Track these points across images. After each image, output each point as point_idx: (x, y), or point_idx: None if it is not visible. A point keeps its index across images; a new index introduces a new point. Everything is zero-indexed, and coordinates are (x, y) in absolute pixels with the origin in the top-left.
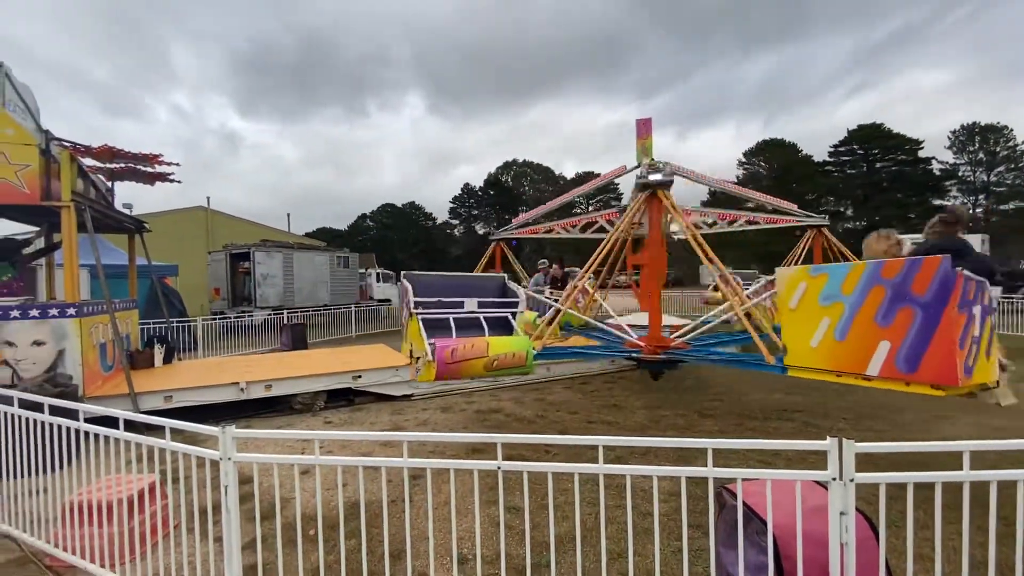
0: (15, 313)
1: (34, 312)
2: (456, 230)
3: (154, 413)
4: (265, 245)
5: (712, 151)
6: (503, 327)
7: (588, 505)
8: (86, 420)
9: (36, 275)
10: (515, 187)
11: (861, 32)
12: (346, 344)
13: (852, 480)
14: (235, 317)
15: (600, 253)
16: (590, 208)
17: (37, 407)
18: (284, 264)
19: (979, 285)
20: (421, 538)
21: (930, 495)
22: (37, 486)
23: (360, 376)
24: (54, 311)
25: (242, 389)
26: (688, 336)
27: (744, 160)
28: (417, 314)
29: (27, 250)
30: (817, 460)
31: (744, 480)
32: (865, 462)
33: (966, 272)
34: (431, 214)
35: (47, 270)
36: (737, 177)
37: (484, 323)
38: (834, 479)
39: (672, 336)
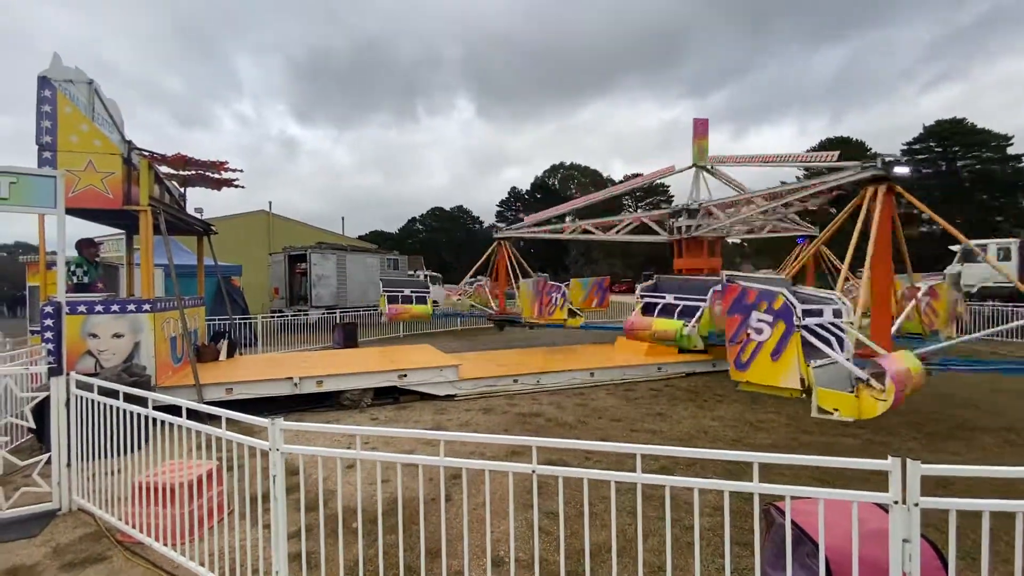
0: (99, 308)
1: (115, 307)
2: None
3: (217, 404)
4: (320, 247)
5: (771, 149)
6: None
7: (627, 515)
8: (154, 407)
9: (117, 273)
10: (562, 190)
11: (943, 16)
12: (394, 344)
13: (916, 504)
14: (292, 315)
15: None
16: (638, 209)
17: (114, 394)
18: (338, 265)
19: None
20: (457, 538)
21: (1011, 526)
22: (112, 467)
23: (406, 375)
24: (132, 306)
25: (296, 384)
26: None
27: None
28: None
29: (107, 253)
30: (880, 481)
31: (794, 498)
32: (936, 485)
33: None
34: (478, 217)
35: (127, 269)
36: (797, 179)
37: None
38: (896, 502)
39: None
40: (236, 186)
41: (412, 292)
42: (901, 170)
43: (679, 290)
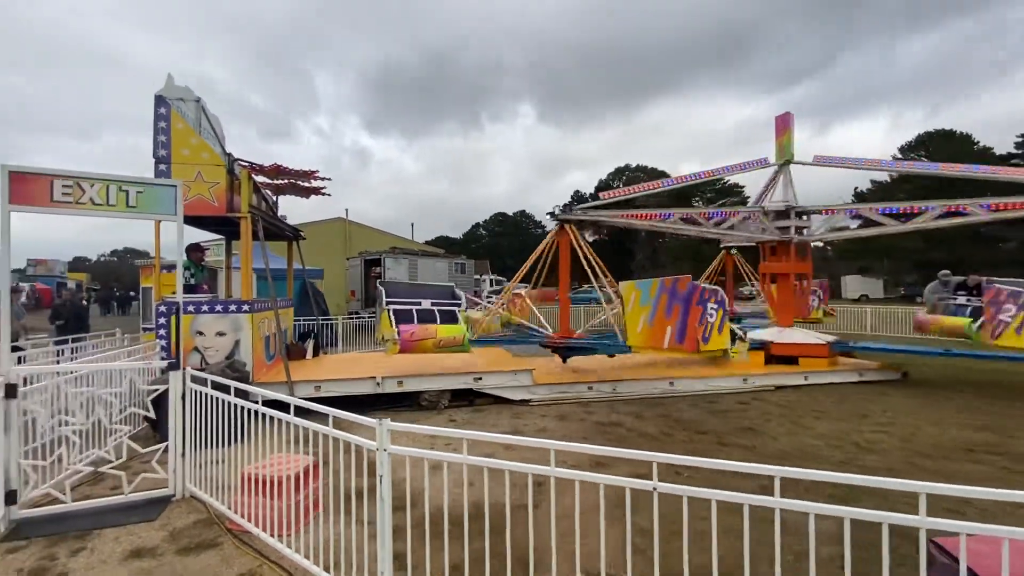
0: (204, 308)
1: (218, 307)
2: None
3: (305, 400)
4: (394, 252)
5: (859, 145)
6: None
7: (733, 538)
8: (248, 399)
9: (217, 276)
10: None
11: None
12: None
13: None
14: (368, 316)
15: None
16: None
17: (224, 389)
18: (410, 269)
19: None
20: (545, 548)
21: None
22: (217, 456)
23: (481, 378)
24: (233, 307)
25: (378, 383)
26: None
27: (900, 156)
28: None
29: (210, 257)
30: None
31: (940, 535)
32: None
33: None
34: (540, 222)
35: (226, 272)
36: (891, 178)
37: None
38: None
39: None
40: (324, 194)
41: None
42: None
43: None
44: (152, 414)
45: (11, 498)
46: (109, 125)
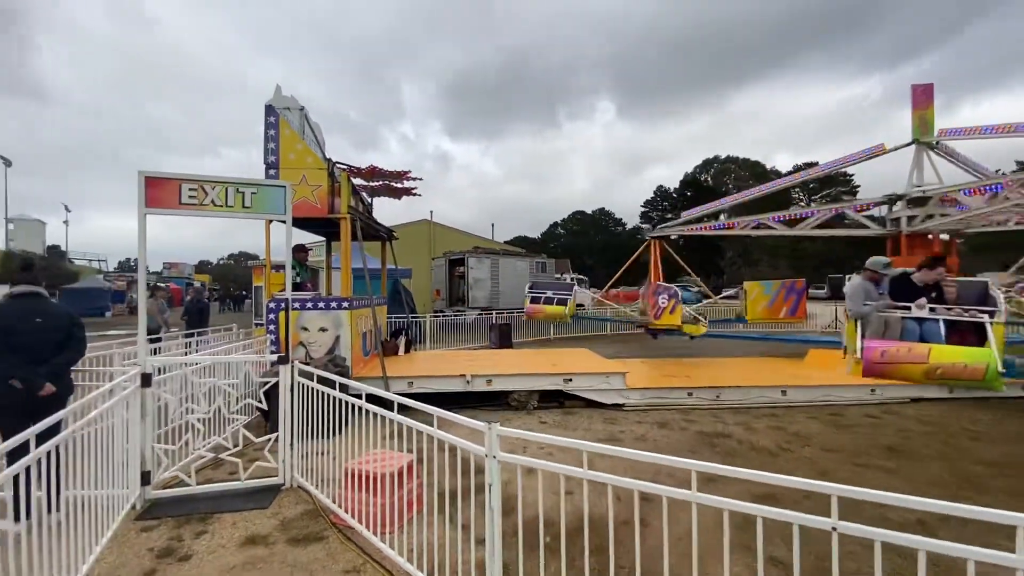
0: (308, 305)
1: (321, 304)
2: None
3: (398, 395)
4: (476, 252)
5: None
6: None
7: None
8: (350, 393)
9: (318, 275)
10: (716, 186)
11: None
12: (545, 346)
13: None
14: (453, 315)
15: None
16: (811, 203)
17: (330, 383)
18: (492, 269)
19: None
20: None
21: None
22: (322, 448)
23: (571, 380)
24: (334, 304)
25: (468, 381)
26: None
27: None
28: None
29: (312, 258)
30: None
31: None
32: None
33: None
34: (620, 219)
35: (326, 271)
36: None
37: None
38: None
39: None
40: (414, 194)
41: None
42: None
43: None
44: (264, 405)
45: (146, 479)
46: (228, 142)
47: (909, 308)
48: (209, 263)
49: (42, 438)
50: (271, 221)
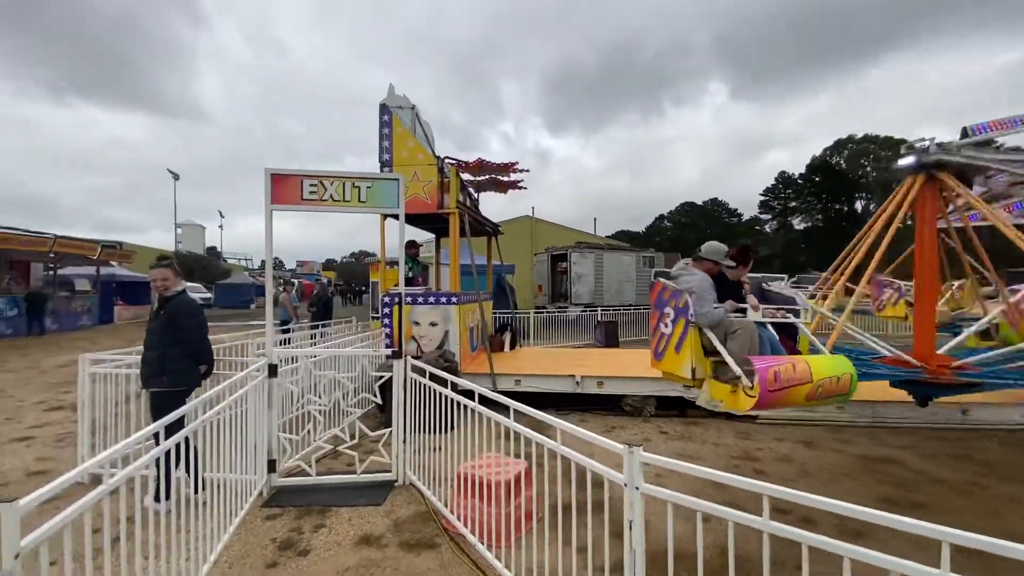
0: (419, 300)
1: (431, 299)
2: (767, 226)
3: (506, 394)
4: (579, 247)
5: None
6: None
7: None
8: (459, 391)
9: (427, 270)
10: (850, 169)
11: None
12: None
13: None
14: (556, 311)
15: None
16: None
17: (440, 381)
18: (595, 264)
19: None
20: None
21: None
22: (433, 444)
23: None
24: (443, 299)
25: (578, 383)
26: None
27: None
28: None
29: (424, 254)
30: None
31: None
32: None
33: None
34: (735, 210)
35: (435, 267)
36: None
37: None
38: None
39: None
40: (520, 187)
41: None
42: None
43: None
44: (379, 399)
45: (272, 466)
46: (346, 150)
47: (744, 312)
48: (334, 261)
49: (176, 426)
50: (385, 217)
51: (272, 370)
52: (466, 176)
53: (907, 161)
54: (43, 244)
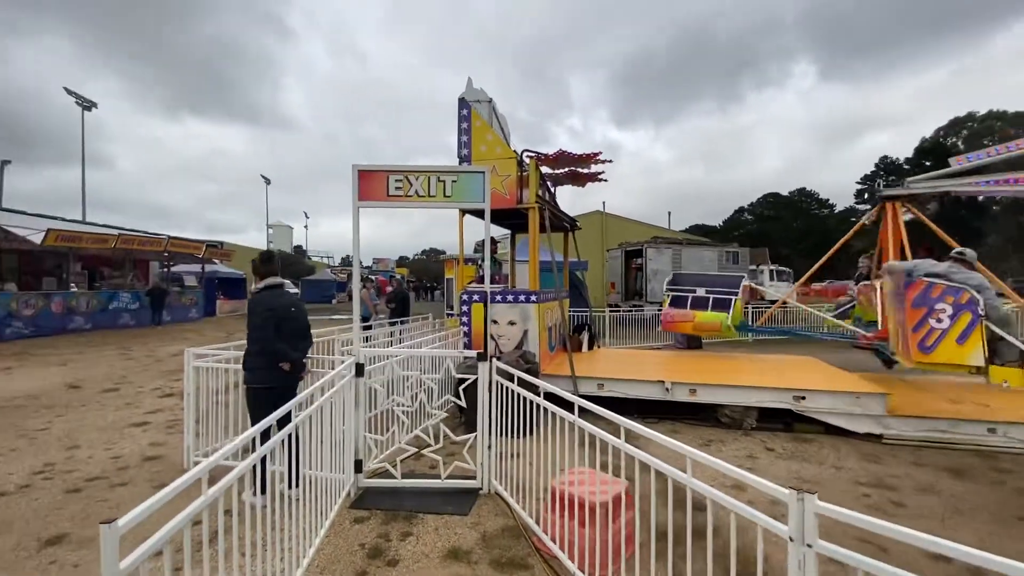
0: (498, 298)
1: (509, 297)
2: (867, 217)
3: (588, 398)
4: (656, 242)
5: None
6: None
7: None
8: (549, 398)
9: (501, 268)
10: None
11: None
12: (739, 349)
13: None
14: (630, 309)
15: None
16: None
17: (529, 386)
18: (673, 260)
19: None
20: None
21: None
22: (515, 449)
23: (805, 397)
24: (522, 297)
25: (667, 389)
26: None
27: None
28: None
29: (500, 251)
30: None
31: None
32: None
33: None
34: (827, 200)
35: (511, 263)
36: None
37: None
38: None
39: None
40: (601, 179)
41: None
42: None
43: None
44: (462, 402)
45: (358, 467)
46: (420, 151)
47: None
48: (407, 258)
49: (283, 421)
50: (464, 213)
51: (359, 369)
52: (544, 169)
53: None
54: (159, 244)
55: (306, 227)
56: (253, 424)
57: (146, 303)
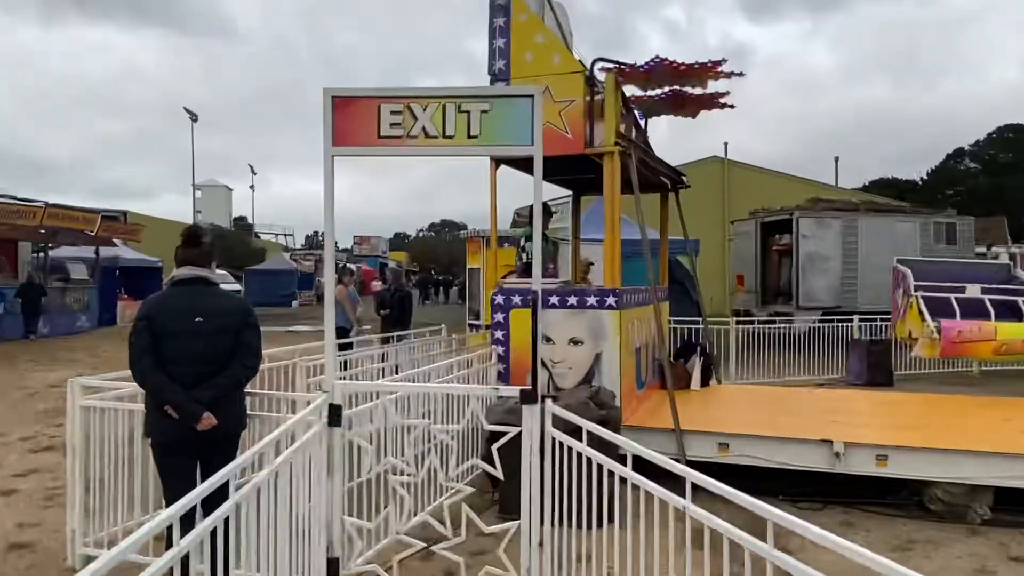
0: (554, 299)
1: (572, 299)
2: None
3: (700, 467)
4: (815, 208)
5: None
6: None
7: None
8: (632, 462)
9: (557, 251)
10: None
11: None
12: (956, 388)
13: None
14: (771, 319)
15: None
16: None
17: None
18: (844, 237)
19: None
20: None
21: None
22: (582, 547)
23: None
24: (593, 299)
25: (837, 454)
26: None
27: None
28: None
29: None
30: None
31: None
32: None
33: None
34: None
35: (573, 245)
36: None
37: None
38: None
39: None
40: (725, 106)
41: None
42: None
43: None
44: (497, 469)
45: (333, 569)
46: (429, 66)
47: None
48: (405, 236)
49: (210, 501)
50: (499, 164)
51: (334, 414)
52: (630, 91)
53: None
54: (31, 216)
55: (252, 189)
56: (166, 496)
57: (14, 306)
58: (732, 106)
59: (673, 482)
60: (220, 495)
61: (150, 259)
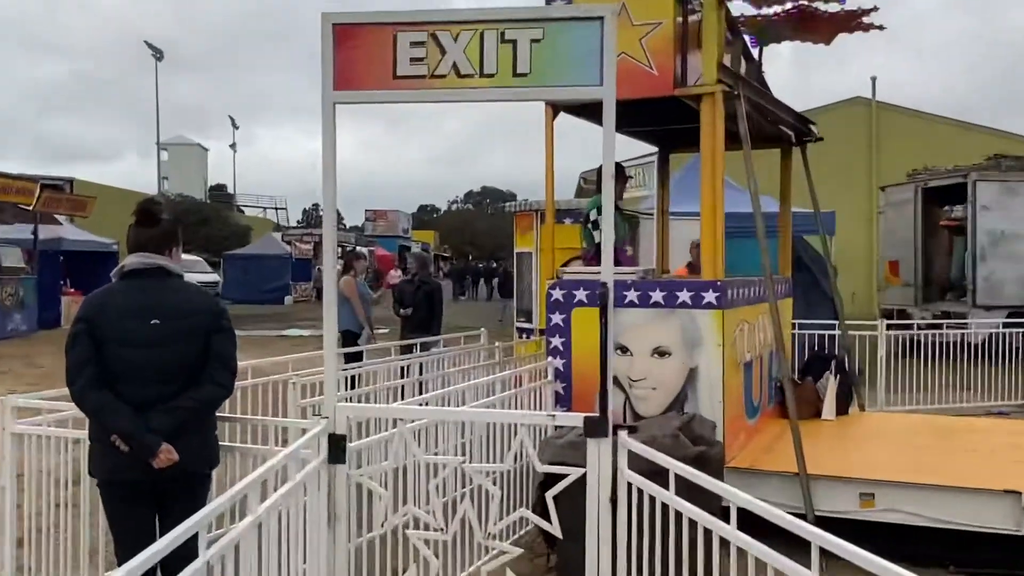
0: (631, 295)
1: (654, 294)
2: None
3: (832, 525)
4: (999, 167)
5: None
6: None
7: None
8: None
9: (637, 227)
10: None
11: None
12: None
13: None
14: (937, 320)
15: None
16: None
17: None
18: None
19: None
20: None
21: None
22: None
23: None
24: (687, 295)
25: None
26: None
27: None
28: None
29: (632, 192)
30: None
31: None
32: None
33: None
34: None
35: (659, 220)
36: None
37: None
38: None
39: None
40: (872, 26)
41: None
42: None
43: None
44: (554, 525)
45: None
46: None
47: None
48: (435, 211)
49: (174, 559)
50: (557, 112)
51: (336, 447)
52: (742, 8)
53: None
54: None
55: (233, 148)
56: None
57: None
58: (881, 27)
59: (796, 546)
60: (186, 552)
61: (103, 240)
